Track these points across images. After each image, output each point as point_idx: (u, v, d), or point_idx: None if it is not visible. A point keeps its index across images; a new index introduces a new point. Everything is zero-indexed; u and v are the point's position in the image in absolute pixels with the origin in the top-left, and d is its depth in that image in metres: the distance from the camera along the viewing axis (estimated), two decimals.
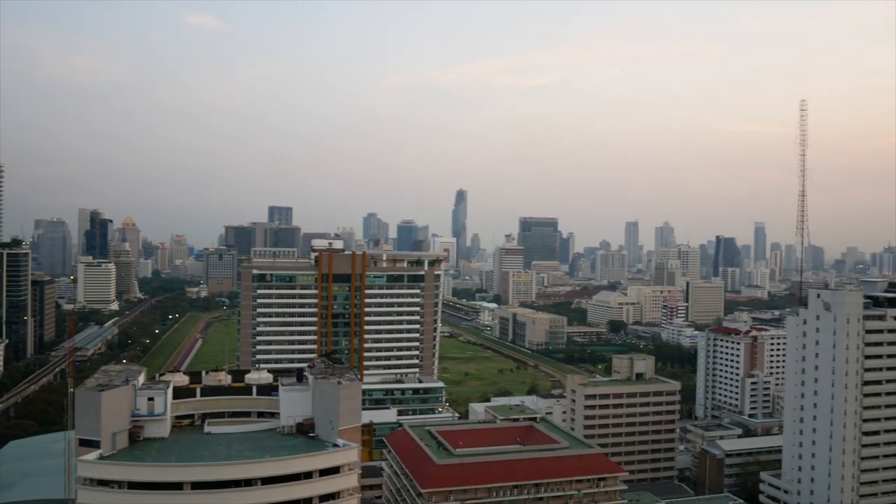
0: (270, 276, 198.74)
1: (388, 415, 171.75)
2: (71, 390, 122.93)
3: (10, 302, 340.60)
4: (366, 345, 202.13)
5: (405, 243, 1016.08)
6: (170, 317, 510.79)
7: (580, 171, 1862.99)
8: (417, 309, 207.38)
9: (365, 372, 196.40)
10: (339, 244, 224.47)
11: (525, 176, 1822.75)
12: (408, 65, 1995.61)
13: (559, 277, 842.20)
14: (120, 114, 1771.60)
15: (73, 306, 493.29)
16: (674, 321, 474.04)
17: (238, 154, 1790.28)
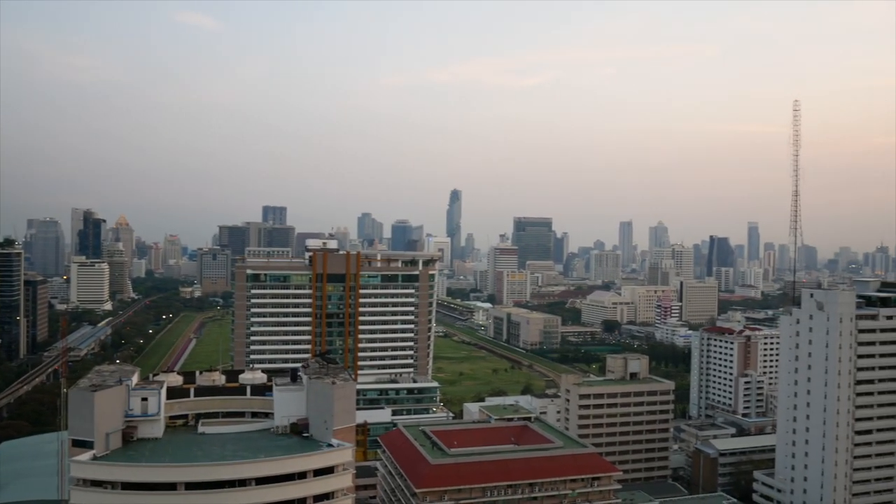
0: (264, 275, 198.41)
1: (383, 415, 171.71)
2: (64, 391, 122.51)
3: (2, 302, 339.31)
4: (360, 345, 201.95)
5: (400, 243, 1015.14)
6: (163, 317, 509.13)
7: (574, 171, 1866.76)
8: (412, 309, 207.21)
9: (359, 372, 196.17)
10: (333, 244, 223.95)
11: (519, 175, 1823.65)
12: (404, 65, 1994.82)
13: (553, 277, 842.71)
14: (116, 113, 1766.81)
15: (66, 306, 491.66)
16: (668, 321, 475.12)
17: (232, 153, 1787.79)
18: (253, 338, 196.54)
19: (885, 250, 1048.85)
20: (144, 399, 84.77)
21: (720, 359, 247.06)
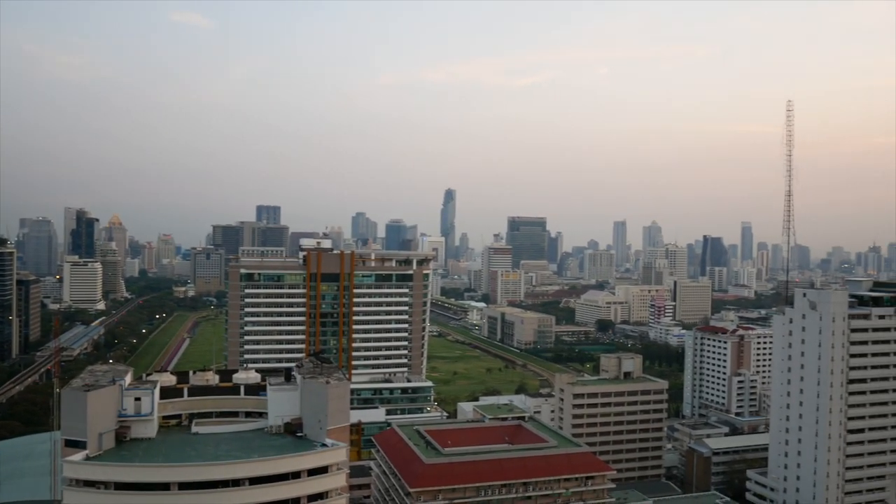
0: (258, 275, 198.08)
1: (377, 414, 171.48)
2: (57, 390, 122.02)
3: None
4: (354, 344, 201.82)
5: (394, 243, 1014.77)
6: (157, 316, 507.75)
7: (568, 171, 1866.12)
8: (406, 308, 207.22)
9: (353, 371, 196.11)
10: (327, 243, 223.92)
11: (515, 175, 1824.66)
12: (402, 64, 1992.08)
13: (547, 277, 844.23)
14: (114, 112, 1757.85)
15: (58, 306, 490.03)
16: (661, 320, 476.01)
17: (226, 153, 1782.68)
18: (247, 337, 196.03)
19: (878, 250, 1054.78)
20: (138, 399, 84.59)
21: (714, 358, 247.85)
